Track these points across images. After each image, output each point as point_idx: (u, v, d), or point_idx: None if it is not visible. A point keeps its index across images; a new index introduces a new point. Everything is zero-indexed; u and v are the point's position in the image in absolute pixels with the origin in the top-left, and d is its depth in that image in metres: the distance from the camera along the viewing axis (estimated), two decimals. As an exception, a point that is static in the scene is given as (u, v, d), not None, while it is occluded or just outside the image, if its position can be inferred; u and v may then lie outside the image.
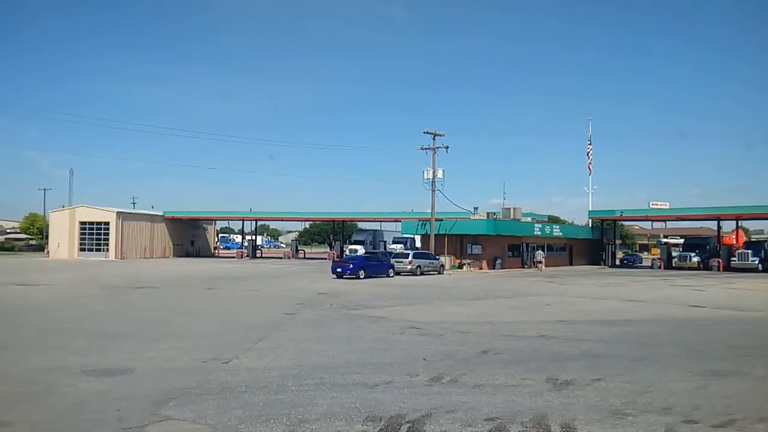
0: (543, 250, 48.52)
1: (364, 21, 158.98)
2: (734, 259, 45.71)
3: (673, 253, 53.25)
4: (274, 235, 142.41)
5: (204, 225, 72.51)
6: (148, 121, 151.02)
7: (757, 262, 44.30)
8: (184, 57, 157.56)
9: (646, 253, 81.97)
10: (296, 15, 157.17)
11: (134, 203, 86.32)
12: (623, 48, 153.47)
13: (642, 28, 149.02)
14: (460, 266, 44.78)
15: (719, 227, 51.63)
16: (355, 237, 61.72)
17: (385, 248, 55.20)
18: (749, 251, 45.65)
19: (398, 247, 51.68)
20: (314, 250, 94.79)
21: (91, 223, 59.52)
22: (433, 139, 43.86)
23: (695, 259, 48.02)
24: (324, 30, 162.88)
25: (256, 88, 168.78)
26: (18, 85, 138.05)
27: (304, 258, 65.82)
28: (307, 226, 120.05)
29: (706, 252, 48.66)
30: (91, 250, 58.82)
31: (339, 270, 33.00)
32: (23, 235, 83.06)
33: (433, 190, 43.90)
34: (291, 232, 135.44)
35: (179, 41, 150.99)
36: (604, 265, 54.92)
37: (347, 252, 52.94)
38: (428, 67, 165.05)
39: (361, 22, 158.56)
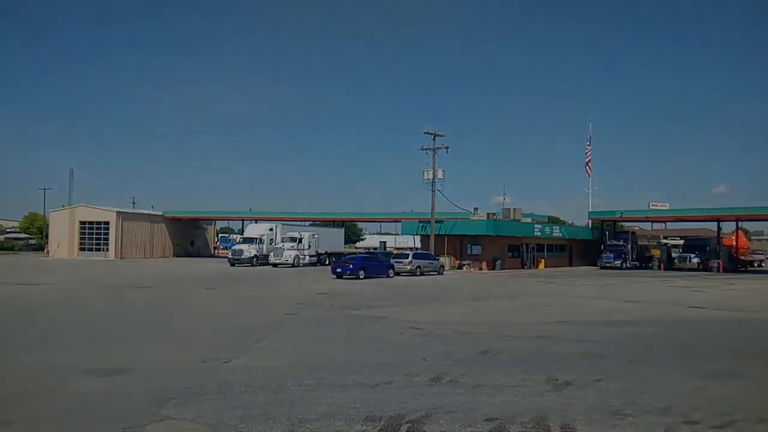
0: (543, 251, 48.70)
1: (366, 20, 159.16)
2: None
3: (673, 254, 53.25)
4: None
5: (204, 225, 72.52)
6: (148, 121, 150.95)
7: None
8: (184, 57, 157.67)
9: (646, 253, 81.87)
10: (295, 15, 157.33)
11: (134, 203, 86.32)
12: (624, 48, 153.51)
13: (643, 28, 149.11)
14: (460, 267, 44.78)
15: (719, 228, 51.61)
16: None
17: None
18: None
19: (246, 248, 45.75)
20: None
21: (91, 222, 59.56)
22: (434, 139, 43.91)
23: (695, 260, 48.02)
24: (324, 29, 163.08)
25: (256, 87, 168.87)
26: (18, 83, 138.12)
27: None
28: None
29: (706, 253, 48.65)
30: (90, 249, 58.86)
31: (339, 270, 33.02)
32: (23, 235, 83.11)
33: (433, 191, 43.96)
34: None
35: (179, 41, 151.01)
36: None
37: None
38: (429, 67, 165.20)
39: (362, 21, 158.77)
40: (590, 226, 59.06)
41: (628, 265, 50.55)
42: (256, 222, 59.09)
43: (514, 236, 47.93)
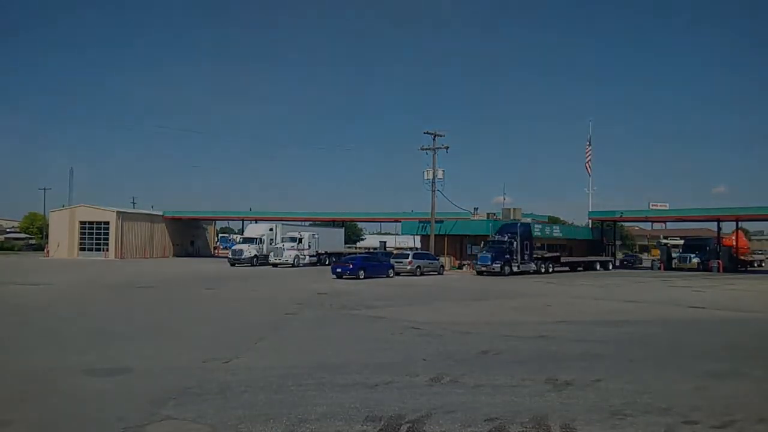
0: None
1: (366, 19, 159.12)
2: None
3: (673, 254, 53.22)
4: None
5: (204, 225, 72.54)
6: (148, 121, 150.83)
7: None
8: (185, 57, 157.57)
9: (646, 254, 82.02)
10: (294, 15, 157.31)
11: (134, 203, 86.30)
12: (624, 48, 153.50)
13: (643, 27, 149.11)
14: (460, 267, 44.78)
15: (719, 228, 51.60)
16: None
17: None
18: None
19: (246, 248, 46.36)
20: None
21: (91, 222, 59.57)
22: (434, 139, 43.93)
23: (695, 260, 47.99)
24: (324, 28, 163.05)
25: (256, 87, 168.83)
26: (18, 82, 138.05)
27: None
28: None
29: (706, 253, 48.63)
30: (90, 249, 58.87)
31: (339, 270, 33.03)
32: (23, 235, 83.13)
33: (433, 191, 43.99)
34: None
35: (180, 41, 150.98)
36: (604, 265, 54.71)
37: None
38: (429, 66, 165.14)
39: (362, 20, 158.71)
40: (590, 226, 59.04)
41: (514, 269, 37.99)
42: (256, 222, 59.05)
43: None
